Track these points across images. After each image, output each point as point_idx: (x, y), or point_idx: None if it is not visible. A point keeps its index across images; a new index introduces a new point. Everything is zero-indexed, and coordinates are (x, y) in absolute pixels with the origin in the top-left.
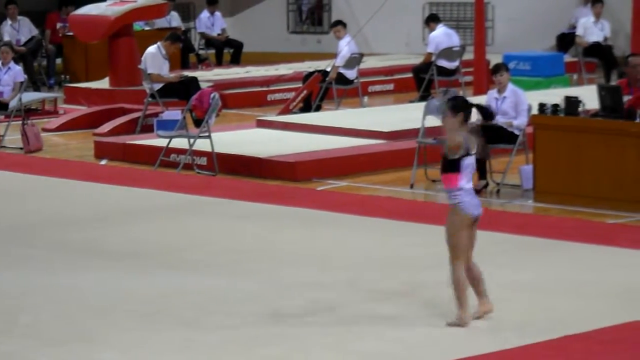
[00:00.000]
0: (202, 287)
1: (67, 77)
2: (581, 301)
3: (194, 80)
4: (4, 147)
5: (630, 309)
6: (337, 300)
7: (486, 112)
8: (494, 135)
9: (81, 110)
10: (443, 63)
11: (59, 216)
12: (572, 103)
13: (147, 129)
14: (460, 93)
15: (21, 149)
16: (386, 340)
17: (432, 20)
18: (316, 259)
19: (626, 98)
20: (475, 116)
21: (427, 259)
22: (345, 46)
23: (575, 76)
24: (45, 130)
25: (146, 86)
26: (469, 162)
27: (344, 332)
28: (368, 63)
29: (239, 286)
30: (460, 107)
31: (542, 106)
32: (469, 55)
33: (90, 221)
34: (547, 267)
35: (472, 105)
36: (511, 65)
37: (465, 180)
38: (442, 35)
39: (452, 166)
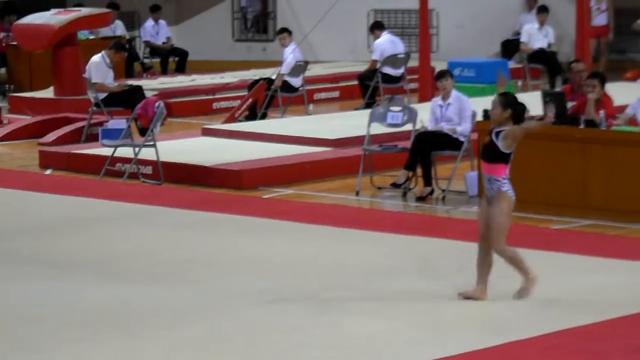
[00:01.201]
0: (147, 297)
1: (11, 86)
2: (525, 307)
3: (139, 89)
4: None
5: (574, 314)
6: (283, 307)
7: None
8: (438, 141)
9: (25, 119)
10: (388, 70)
11: (2, 226)
12: None
13: (92, 138)
14: (405, 100)
15: None
16: (335, 347)
17: (377, 27)
18: (262, 267)
19: (570, 104)
20: (421, 123)
21: (373, 266)
22: (291, 54)
23: (520, 82)
24: None
25: (91, 95)
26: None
27: (291, 340)
28: (313, 70)
29: (184, 295)
30: (510, 103)
31: (486, 112)
32: (413, 62)
33: (34, 231)
34: (492, 273)
35: (521, 104)
36: (456, 72)
37: (508, 170)
38: (387, 43)
39: (503, 157)
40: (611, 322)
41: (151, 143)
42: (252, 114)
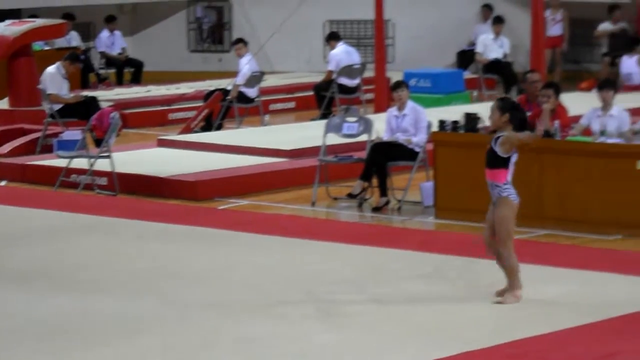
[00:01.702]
0: (105, 307)
1: None
2: (483, 316)
3: (94, 100)
4: None
5: (531, 323)
6: (241, 318)
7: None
8: (394, 152)
9: None
10: (344, 81)
11: None
12: (472, 120)
13: (47, 150)
14: (361, 111)
15: None
16: (295, 357)
17: (332, 38)
18: (218, 278)
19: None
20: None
21: (329, 276)
22: (246, 64)
23: (475, 93)
24: None
25: (46, 106)
26: (514, 159)
27: (250, 350)
28: (269, 81)
29: (142, 306)
30: (508, 107)
31: (442, 123)
32: (369, 73)
33: None
34: (451, 283)
35: (520, 108)
36: (412, 82)
37: (510, 175)
38: (343, 53)
39: (503, 162)
40: (569, 331)
41: (106, 154)
42: (208, 125)
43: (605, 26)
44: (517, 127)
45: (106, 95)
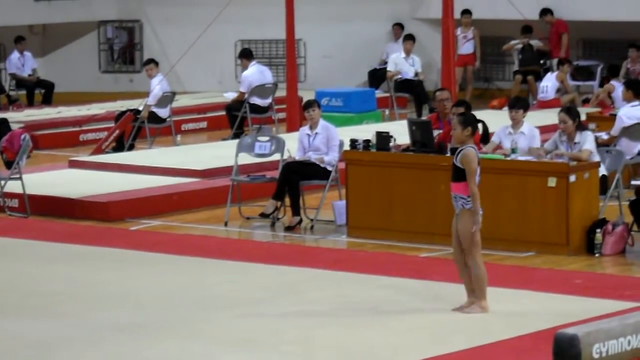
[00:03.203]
0: (15, 330)
1: None
2: (392, 335)
3: (4, 121)
4: None
5: (440, 342)
6: (153, 340)
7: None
8: (306, 171)
9: None
10: (256, 100)
11: None
12: (383, 138)
13: None
14: (273, 130)
15: None
16: None
17: (244, 56)
18: (130, 300)
19: (436, 132)
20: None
21: (242, 296)
22: (157, 85)
23: (387, 111)
24: None
25: None
26: (478, 171)
27: None
28: (181, 101)
29: (52, 328)
30: (469, 121)
31: (353, 142)
32: (281, 92)
33: None
34: (357, 301)
35: (480, 121)
36: (323, 101)
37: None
38: (256, 74)
39: (465, 176)
40: (479, 349)
41: (17, 176)
42: (120, 146)
43: (514, 41)
44: (481, 140)
45: (17, 117)
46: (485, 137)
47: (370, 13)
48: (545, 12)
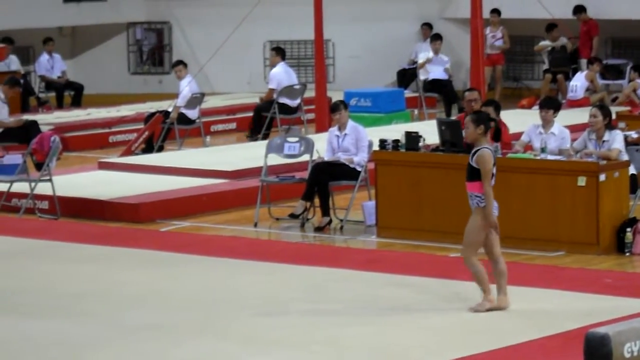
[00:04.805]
0: (47, 331)
1: None
2: (422, 334)
3: (34, 123)
4: None
5: (470, 342)
6: (183, 341)
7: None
8: (335, 172)
9: None
10: (285, 101)
11: None
12: (413, 138)
13: None
14: (302, 131)
15: None
16: None
17: (279, 53)
18: (160, 301)
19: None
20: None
21: (272, 297)
22: (187, 86)
23: (416, 111)
24: None
25: None
26: (494, 171)
27: None
28: (210, 102)
29: (84, 329)
30: (481, 120)
31: (382, 142)
32: (310, 93)
33: None
34: (387, 301)
35: (493, 120)
36: (352, 102)
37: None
38: (283, 73)
39: (480, 176)
40: (511, 348)
41: (47, 178)
42: (149, 147)
43: (545, 43)
44: (493, 137)
45: (46, 119)
46: (497, 135)
47: (398, 13)
48: (580, 9)
